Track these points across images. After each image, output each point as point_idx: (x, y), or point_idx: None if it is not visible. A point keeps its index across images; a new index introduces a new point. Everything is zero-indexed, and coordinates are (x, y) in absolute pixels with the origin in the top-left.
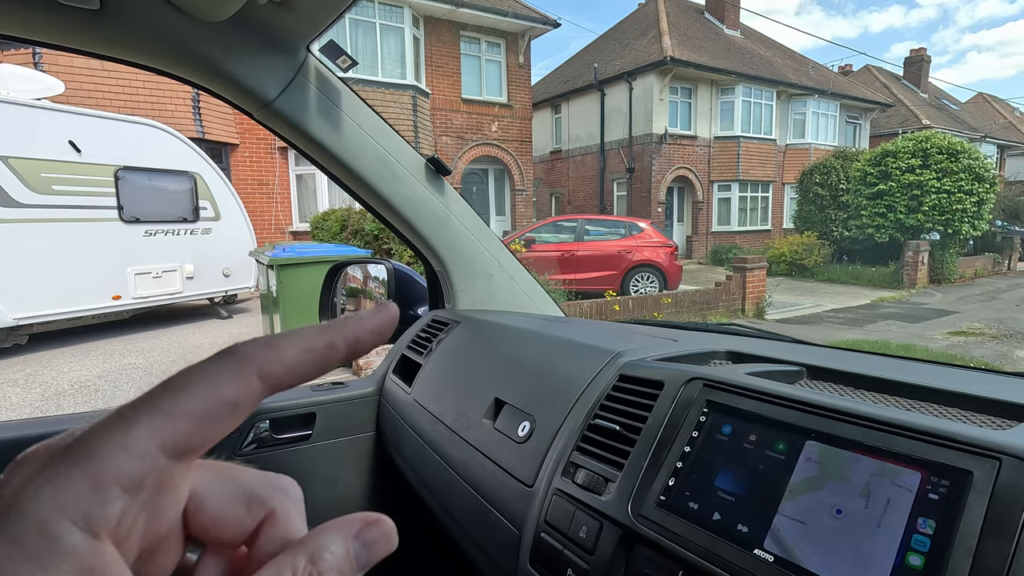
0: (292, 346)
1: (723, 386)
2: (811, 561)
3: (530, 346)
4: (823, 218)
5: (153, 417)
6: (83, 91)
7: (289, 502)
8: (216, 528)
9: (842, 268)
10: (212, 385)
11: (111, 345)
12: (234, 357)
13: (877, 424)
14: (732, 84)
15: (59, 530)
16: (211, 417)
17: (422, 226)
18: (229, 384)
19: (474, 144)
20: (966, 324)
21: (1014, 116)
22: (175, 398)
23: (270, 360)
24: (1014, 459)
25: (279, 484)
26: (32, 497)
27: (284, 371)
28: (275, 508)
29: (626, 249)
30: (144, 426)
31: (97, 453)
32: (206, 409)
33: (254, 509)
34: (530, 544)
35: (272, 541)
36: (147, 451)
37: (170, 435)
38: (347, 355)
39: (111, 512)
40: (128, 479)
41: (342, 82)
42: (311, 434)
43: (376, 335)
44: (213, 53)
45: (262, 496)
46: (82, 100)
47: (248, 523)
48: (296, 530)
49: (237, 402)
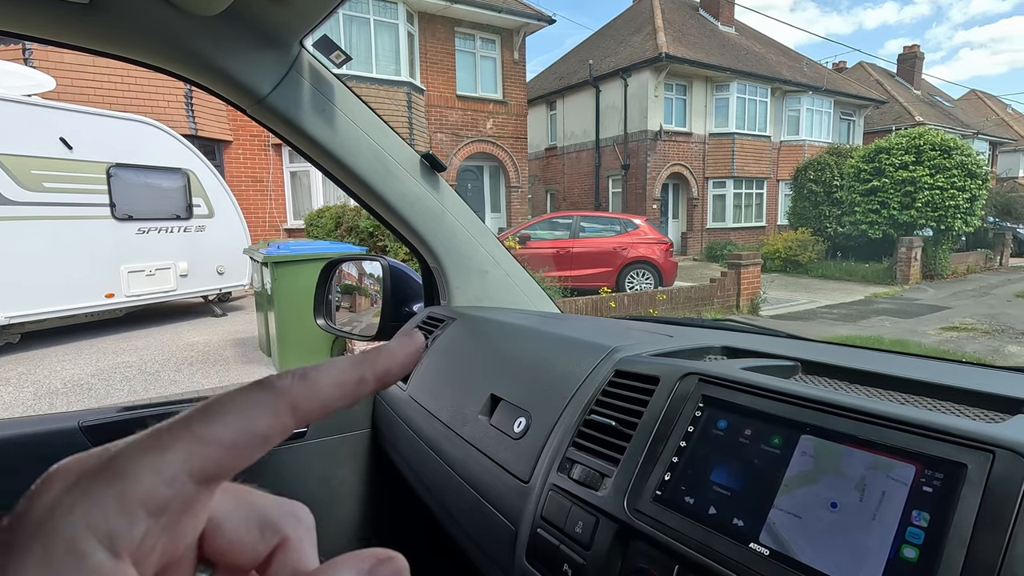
0: (325, 381)
1: (718, 381)
2: (806, 554)
3: (526, 342)
4: (817, 214)
5: (189, 444)
6: (74, 87)
7: (302, 530)
8: (231, 553)
9: (836, 264)
10: (246, 416)
11: (104, 343)
12: (269, 391)
13: (872, 418)
14: (727, 81)
15: (87, 549)
16: (241, 447)
17: (417, 223)
18: (263, 417)
19: (469, 141)
20: (958, 320)
21: (1006, 113)
22: (209, 426)
23: (304, 396)
24: (1008, 452)
25: (292, 511)
26: (64, 514)
27: (317, 406)
28: (288, 535)
29: (621, 246)
30: (178, 452)
31: (130, 475)
32: (238, 440)
33: (268, 535)
34: (526, 540)
35: (283, 569)
36: (177, 477)
37: (200, 462)
38: (375, 388)
39: (136, 534)
40: (156, 503)
41: (336, 78)
42: (305, 432)
43: (406, 367)
44: (205, 48)
45: (276, 522)
46: (73, 96)
47: (261, 549)
48: (308, 560)
49: (268, 435)
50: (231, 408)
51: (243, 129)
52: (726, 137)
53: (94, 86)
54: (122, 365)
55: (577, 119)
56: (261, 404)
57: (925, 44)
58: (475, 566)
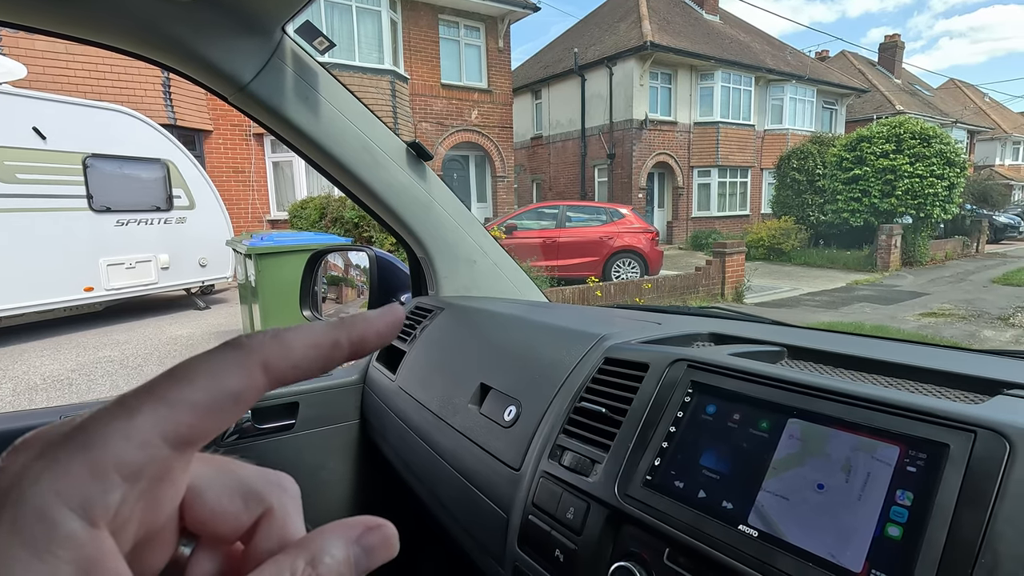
0: (298, 341)
1: (707, 367)
2: (794, 535)
3: (515, 331)
4: (800, 203)
5: (156, 407)
6: (47, 75)
7: (287, 499)
8: (213, 522)
9: (818, 252)
10: (215, 376)
11: (84, 338)
12: (239, 349)
13: (857, 401)
14: (711, 70)
15: (57, 517)
16: (214, 408)
17: (404, 212)
18: (233, 376)
19: (454, 130)
20: (937, 305)
21: (983, 102)
22: (178, 388)
23: (275, 354)
24: (988, 431)
25: (278, 480)
26: (31, 483)
27: (289, 366)
28: (273, 505)
29: (607, 235)
30: (147, 415)
31: (98, 441)
32: (209, 400)
33: (252, 505)
34: (518, 527)
35: (269, 539)
36: (149, 440)
37: (172, 425)
38: (351, 354)
39: (110, 501)
40: (129, 468)
41: (320, 65)
42: (294, 423)
43: (382, 336)
44: (184, 34)
45: (260, 492)
46: (46, 85)
47: (245, 519)
48: (294, 528)
49: (240, 394)
50: (199, 369)
51: (223, 118)
52: (711, 126)
53: (68, 74)
54: (103, 360)
55: (563, 108)
56: (231, 363)
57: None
58: (467, 554)
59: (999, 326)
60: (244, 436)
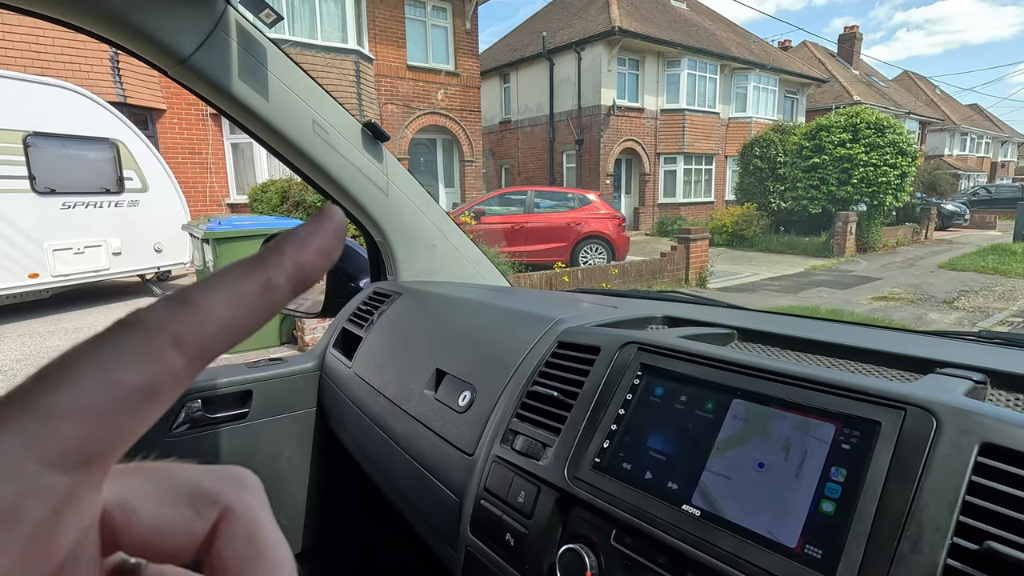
0: (215, 298)
1: (657, 349)
2: (735, 513)
3: (472, 316)
4: (762, 190)
5: (25, 423)
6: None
7: (248, 494)
8: (157, 539)
9: (779, 238)
10: (108, 368)
11: (31, 327)
12: (136, 328)
13: (798, 381)
14: (678, 57)
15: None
16: (113, 411)
17: (360, 195)
18: (132, 364)
19: (421, 113)
20: (888, 289)
21: (935, 94)
22: (55, 393)
23: (188, 322)
24: (917, 408)
25: (233, 476)
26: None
27: (212, 334)
28: (231, 503)
29: (575, 221)
30: (13, 435)
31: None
32: (103, 402)
33: (204, 509)
34: (471, 512)
35: (234, 541)
36: (20, 468)
37: (53, 443)
38: (294, 290)
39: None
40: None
41: (268, 39)
42: (248, 412)
43: (325, 254)
44: (120, 3)
45: (212, 492)
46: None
47: (199, 527)
48: (263, 524)
49: (150, 386)
50: (83, 364)
51: (178, 97)
52: (677, 113)
53: (5, 47)
54: (51, 349)
55: (531, 93)
56: (127, 347)
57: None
58: (423, 540)
59: (944, 309)
60: (195, 426)
